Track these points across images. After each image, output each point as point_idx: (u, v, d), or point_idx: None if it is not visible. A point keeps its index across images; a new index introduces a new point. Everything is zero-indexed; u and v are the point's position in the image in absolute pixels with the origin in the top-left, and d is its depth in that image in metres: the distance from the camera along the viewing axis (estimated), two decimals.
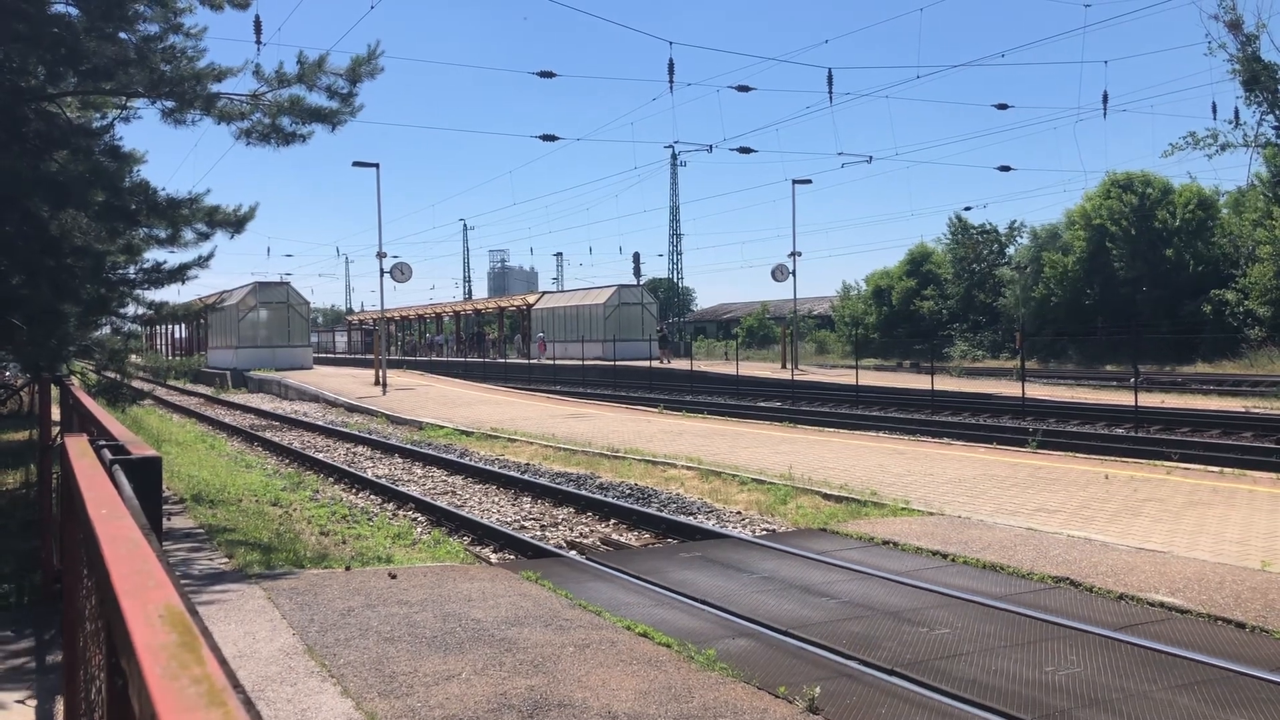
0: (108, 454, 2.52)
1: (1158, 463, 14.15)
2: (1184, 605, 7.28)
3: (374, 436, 21.97)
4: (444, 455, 18.11)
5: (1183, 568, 8.30)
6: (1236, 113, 43.91)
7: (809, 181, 45.21)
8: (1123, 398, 24.86)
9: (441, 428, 22.68)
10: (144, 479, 2.27)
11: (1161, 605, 7.33)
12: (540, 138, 38.35)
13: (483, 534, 11.50)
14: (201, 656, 0.92)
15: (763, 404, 30.03)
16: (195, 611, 1.12)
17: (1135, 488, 12.03)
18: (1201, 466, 13.86)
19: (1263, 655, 6.24)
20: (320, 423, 25.89)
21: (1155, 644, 6.43)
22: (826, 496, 12.16)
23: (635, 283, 73.68)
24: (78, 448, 2.84)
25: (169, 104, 11.14)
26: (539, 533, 11.65)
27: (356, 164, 35.83)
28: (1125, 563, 8.53)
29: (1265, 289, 40.66)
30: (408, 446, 19.62)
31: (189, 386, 42.86)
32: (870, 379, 33.52)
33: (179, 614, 1.05)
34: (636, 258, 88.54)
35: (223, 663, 0.94)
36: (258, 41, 18.31)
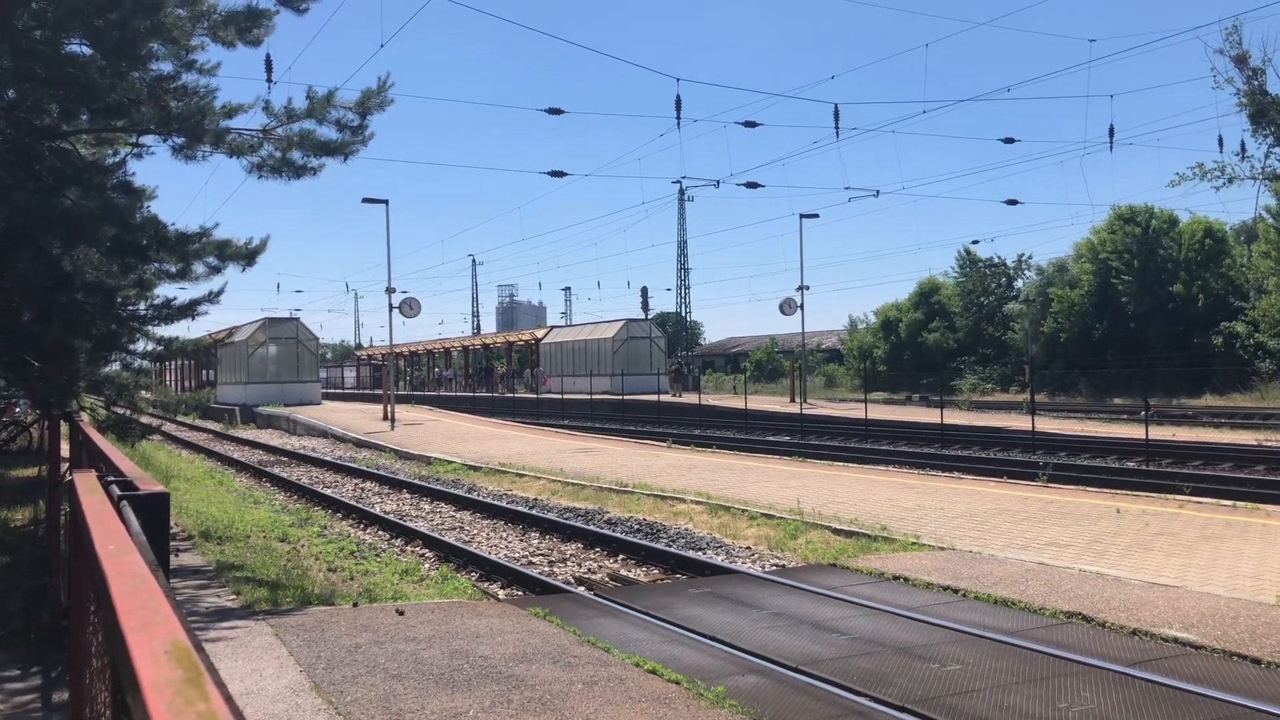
0: (116, 490, 2.52)
1: (1169, 496, 14.07)
2: (1198, 641, 7.20)
3: (382, 472, 21.95)
4: (452, 490, 18.08)
5: (1196, 603, 8.23)
6: (1243, 145, 43.98)
7: (816, 216, 45.44)
8: (1133, 431, 24.75)
9: (449, 463, 22.66)
10: (151, 515, 2.27)
11: (1175, 641, 7.26)
12: (549, 174, 38.72)
13: (490, 570, 11.46)
14: (206, 693, 0.92)
15: (771, 438, 29.96)
16: (201, 648, 1.11)
17: (1147, 521, 11.94)
18: (1214, 500, 13.77)
19: (1279, 691, 6.17)
20: (328, 458, 25.88)
21: (1170, 680, 6.36)
22: (836, 531, 12.10)
23: (643, 317, 73.73)
24: (86, 484, 2.84)
25: (179, 140, 11.23)
26: (547, 568, 11.60)
27: (366, 200, 36.08)
28: (1138, 598, 8.45)
29: (1274, 321, 40.58)
30: (416, 482, 19.60)
31: (198, 422, 42.94)
32: (879, 412, 33.44)
33: (185, 650, 1.05)
34: (644, 292, 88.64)
35: (228, 699, 0.94)
36: (269, 80, 18.48)
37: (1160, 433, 23.94)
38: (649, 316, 77.83)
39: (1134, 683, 6.37)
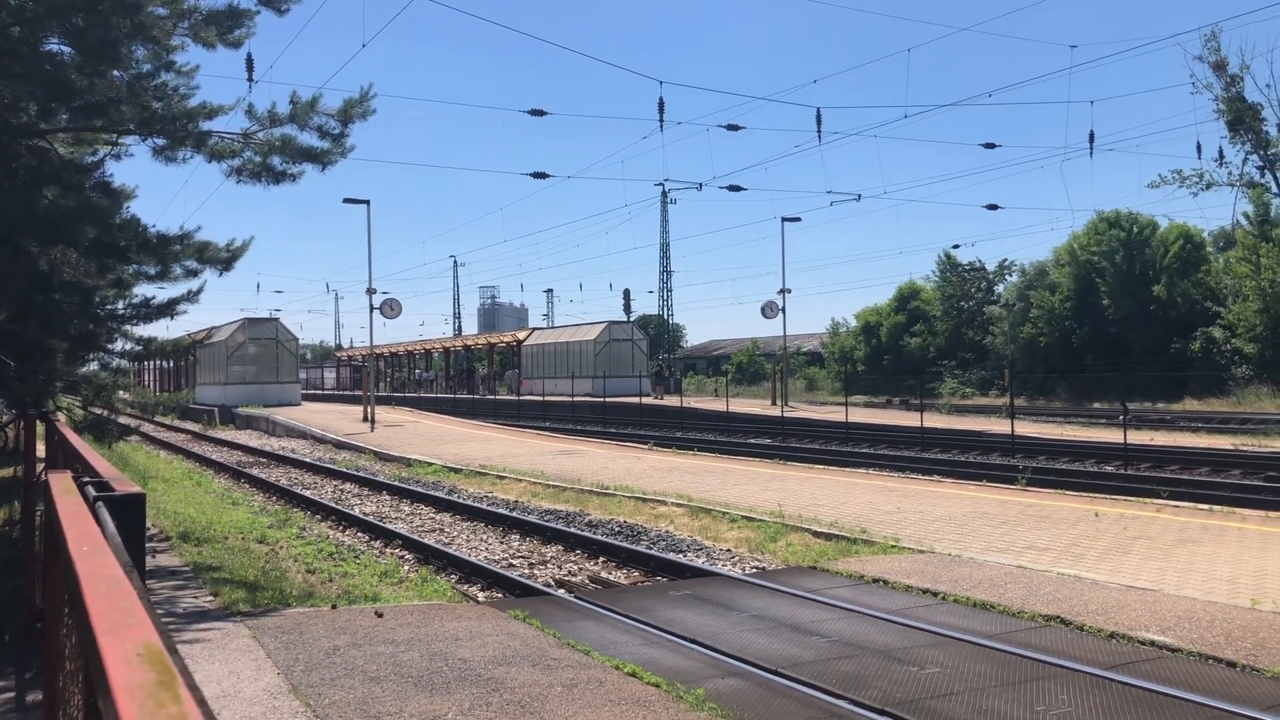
0: (91, 491, 2.51)
1: (1147, 500, 14.16)
2: (1175, 644, 7.25)
3: (362, 473, 21.86)
4: (432, 492, 18.03)
5: (1173, 606, 8.28)
6: (1221, 152, 44.55)
7: (798, 219, 45.78)
8: (1112, 435, 24.91)
9: (430, 464, 22.59)
10: (127, 516, 2.26)
11: (1152, 644, 7.31)
12: (531, 175, 38.67)
13: (470, 572, 11.43)
14: (179, 696, 0.91)
15: (753, 441, 30.00)
16: (175, 650, 1.11)
17: (1125, 525, 12.02)
18: (1191, 504, 13.86)
19: (1254, 694, 6.22)
20: (308, 459, 25.77)
21: (1147, 683, 6.40)
22: (816, 534, 12.12)
23: (625, 319, 73.70)
24: (61, 484, 2.82)
25: (160, 141, 11.16)
26: (527, 571, 11.58)
27: (347, 200, 35.95)
28: (1116, 601, 8.51)
29: (1250, 326, 40.93)
30: (396, 483, 19.53)
31: (177, 423, 42.65)
32: (860, 415, 33.54)
33: (157, 653, 1.04)
34: (627, 294, 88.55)
35: (201, 702, 0.93)
36: (250, 79, 18.37)
37: (1139, 437, 24.10)
38: (631, 319, 77.80)
39: (1111, 685, 6.41)
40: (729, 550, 12.09)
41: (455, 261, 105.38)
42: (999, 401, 42.26)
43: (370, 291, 37.15)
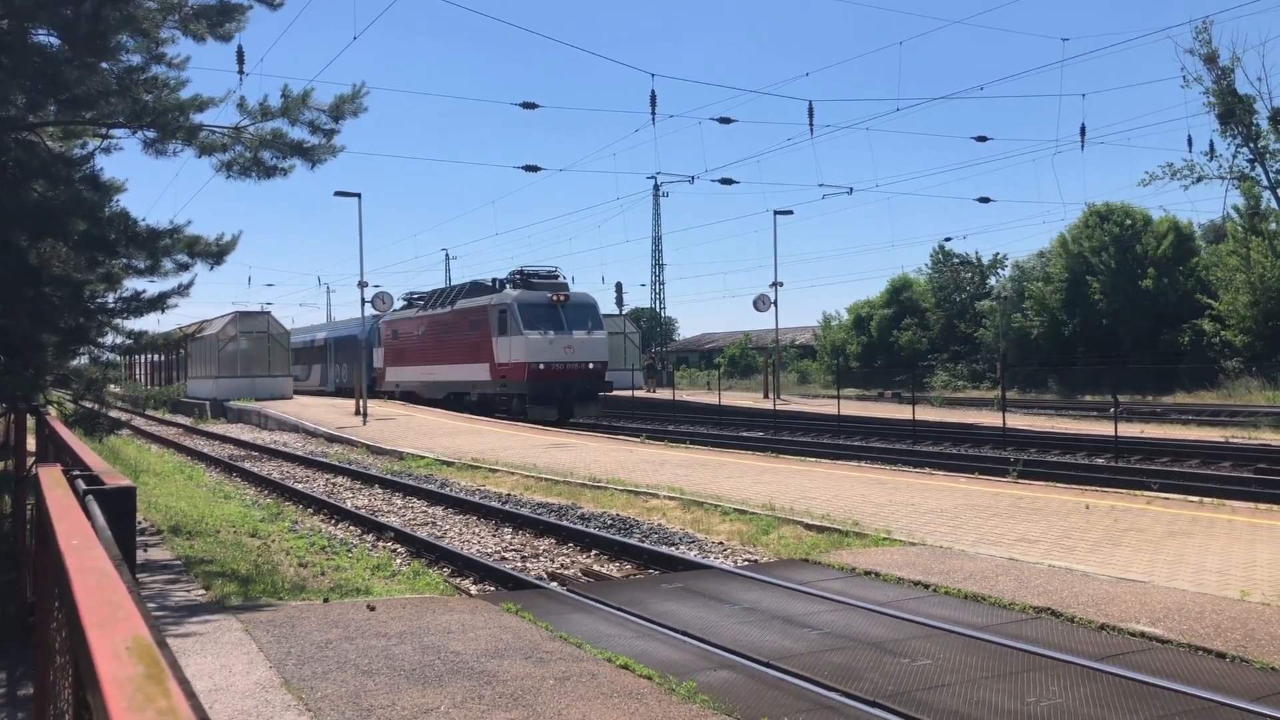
0: (81, 485, 2.50)
1: (1138, 492, 14.20)
2: (1165, 635, 7.29)
3: (354, 467, 21.84)
4: (424, 486, 18.02)
5: (1163, 597, 8.32)
6: (1212, 145, 44.67)
7: (790, 212, 45.56)
8: (1103, 428, 24.96)
9: (422, 458, 22.58)
10: (117, 509, 2.25)
11: (1143, 635, 7.34)
12: (523, 168, 38.45)
13: (463, 565, 11.43)
14: (168, 689, 0.91)
15: (745, 434, 30.01)
16: (164, 644, 1.11)
17: (1116, 517, 12.06)
18: (1181, 496, 13.91)
19: (1243, 685, 6.25)
20: (300, 453, 25.73)
21: (1137, 674, 6.43)
22: (808, 527, 12.14)
23: (618, 312, 73.58)
24: (51, 478, 2.81)
25: (150, 134, 11.11)
26: (520, 564, 11.59)
27: (339, 194, 35.77)
28: (1106, 593, 8.54)
29: (1241, 318, 41.06)
30: (388, 477, 19.52)
31: (168, 416, 42.58)
32: (852, 409, 33.58)
33: (147, 646, 1.04)
34: (619, 287, 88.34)
35: (190, 695, 0.93)
36: (240, 72, 18.34)
37: (1129, 429, 24.16)
38: (623, 312, 77.67)
39: (1101, 677, 6.43)
40: (721, 543, 12.11)
41: (447, 255, 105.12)
42: (990, 394, 42.32)
43: (362, 285, 37.01)
